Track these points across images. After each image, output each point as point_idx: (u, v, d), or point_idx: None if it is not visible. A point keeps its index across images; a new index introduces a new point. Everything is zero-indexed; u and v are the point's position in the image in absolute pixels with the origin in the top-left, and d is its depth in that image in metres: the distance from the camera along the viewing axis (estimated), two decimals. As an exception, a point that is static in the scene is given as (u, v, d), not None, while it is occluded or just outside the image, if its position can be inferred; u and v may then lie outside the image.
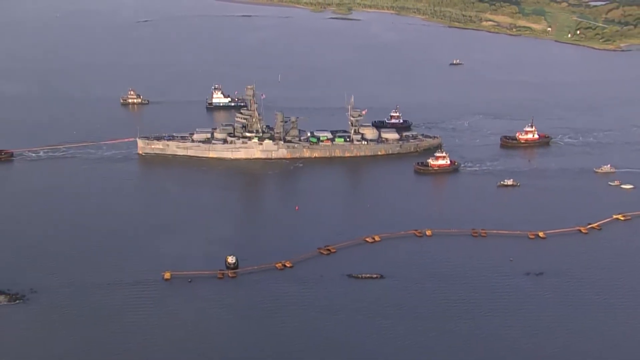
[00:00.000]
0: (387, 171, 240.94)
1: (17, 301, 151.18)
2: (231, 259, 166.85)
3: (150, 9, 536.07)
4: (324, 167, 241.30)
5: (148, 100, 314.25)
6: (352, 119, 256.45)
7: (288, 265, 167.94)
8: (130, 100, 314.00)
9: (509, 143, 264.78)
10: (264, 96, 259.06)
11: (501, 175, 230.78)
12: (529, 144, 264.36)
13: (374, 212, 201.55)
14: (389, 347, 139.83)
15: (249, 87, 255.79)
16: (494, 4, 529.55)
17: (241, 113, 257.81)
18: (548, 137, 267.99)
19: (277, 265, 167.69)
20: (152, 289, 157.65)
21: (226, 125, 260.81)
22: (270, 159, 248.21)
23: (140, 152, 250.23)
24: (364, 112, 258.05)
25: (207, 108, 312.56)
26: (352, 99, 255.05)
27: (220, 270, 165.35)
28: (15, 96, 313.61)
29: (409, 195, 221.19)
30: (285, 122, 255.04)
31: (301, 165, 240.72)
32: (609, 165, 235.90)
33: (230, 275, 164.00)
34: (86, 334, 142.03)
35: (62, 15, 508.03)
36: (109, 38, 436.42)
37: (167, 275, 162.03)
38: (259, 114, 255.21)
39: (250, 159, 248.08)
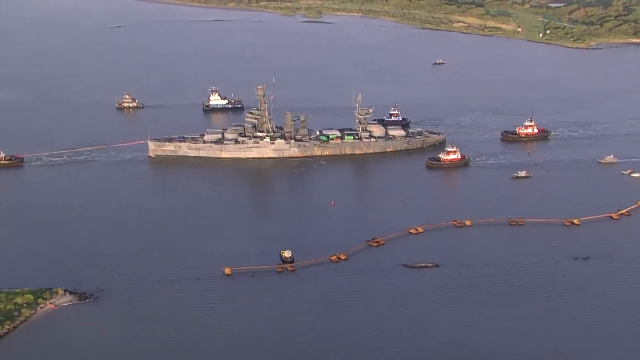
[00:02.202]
0: (400, 167, 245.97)
1: (87, 300, 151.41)
2: (287, 254, 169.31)
3: (117, 16, 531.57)
4: (343, 164, 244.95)
5: (143, 104, 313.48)
6: (359, 117, 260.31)
7: (343, 257, 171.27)
8: (125, 104, 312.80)
9: (510, 137, 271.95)
10: (272, 96, 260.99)
11: (509, 167, 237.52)
12: (529, 138, 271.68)
13: (407, 205, 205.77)
14: (459, 331, 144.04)
15: (259, 87, 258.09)
16: (461, 6, 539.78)
17: (251, 113, 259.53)
18: (547, 131, 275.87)
19: (332, 258, 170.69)
20: (217, 284, 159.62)
21: (236, 125, 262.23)
22: (282, 157, 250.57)
23: (151, 155, 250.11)
24: (370, 110, 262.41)
25: (204, 110, 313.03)
26: (360, 97, 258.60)
27: (278, 264, 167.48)
28: (8, 103, 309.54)
29: (431, 188, 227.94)
30: (294, 121, 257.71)
31: (324, 162, 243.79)
32: (611, 156, 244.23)
33: (289, 269, 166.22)
34: (163, 329, 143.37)
35: (32, 22, 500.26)
36: (87, 43, 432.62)
37: (227, 270, 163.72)
38: (269, 114, 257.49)
39: (262, 158, 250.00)
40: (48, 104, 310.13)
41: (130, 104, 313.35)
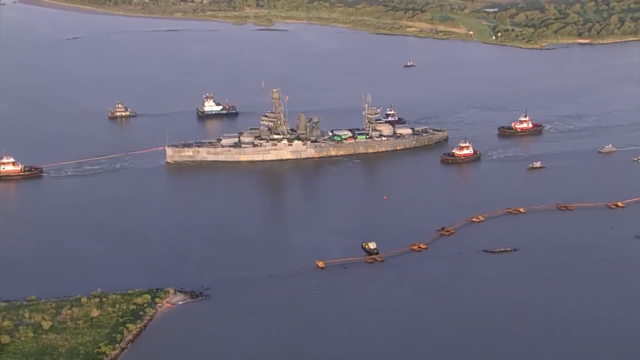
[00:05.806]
0: (417, 163, 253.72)
1: (199, 298, 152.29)
2: (372, 245, 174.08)
3: (67, 28, 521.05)
4: (368, 163, 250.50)
5: (136, 113, 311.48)
6: (369, 116, 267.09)
7: (423, 246, 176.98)
8: (118, 114, 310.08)
9: (507, 132, 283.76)
10: (287, 99, 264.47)
11: (521, 160, 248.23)
12: (525, 133, 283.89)
13: (454, 196, 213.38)
14: (567, 304, 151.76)
15: (274, 90, 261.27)
16: (408, 12, 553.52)
17: (266, 116, 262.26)
18: (541, 125, 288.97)
19: (412, 247, 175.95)
20: (317, 277, 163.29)
21: (252, 129, 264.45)
22: (299, 159, 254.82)
23: (169, 161, 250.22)
24: (378, 110, 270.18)
25: (198, 117, 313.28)
26: (369, 98, 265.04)
27: (365, 255, 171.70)
28: (5, 113, 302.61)
29: (460, 181, 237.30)
30: (308, 123, 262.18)
31: (358, 161, 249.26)
32: (610, 145, 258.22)
33: (378, 259, 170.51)
34: (281, 323, 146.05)
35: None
36: (53, 55, 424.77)
37: (320, 264, 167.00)
38: (283, 116, 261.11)
39: (280, 160, 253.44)
40: (42, 115, 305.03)
41: (123, 113, 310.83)
